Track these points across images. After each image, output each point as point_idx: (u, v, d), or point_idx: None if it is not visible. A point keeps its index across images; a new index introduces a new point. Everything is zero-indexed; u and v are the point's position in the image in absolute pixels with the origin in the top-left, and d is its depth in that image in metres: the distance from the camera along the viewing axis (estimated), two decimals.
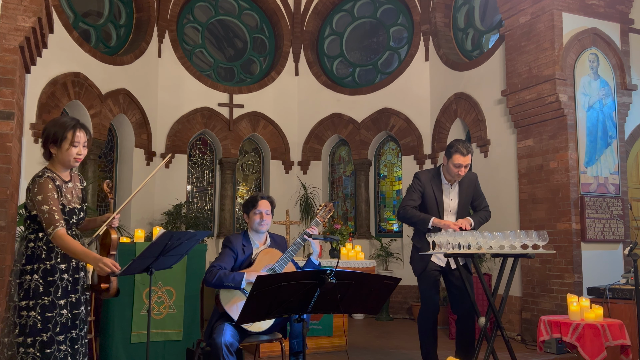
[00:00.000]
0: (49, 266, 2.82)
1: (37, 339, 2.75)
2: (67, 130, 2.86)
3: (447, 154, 4.49)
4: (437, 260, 4.49)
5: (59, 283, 2.83)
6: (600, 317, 4.63)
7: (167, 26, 8.93)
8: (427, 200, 4.56)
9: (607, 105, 6.54)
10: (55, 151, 2.89)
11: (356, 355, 5.58)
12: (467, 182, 4.63)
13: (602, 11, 6.66)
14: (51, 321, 2.78)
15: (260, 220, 3.92)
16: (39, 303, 2.78)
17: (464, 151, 4.40)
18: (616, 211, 6.38)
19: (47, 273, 2.81)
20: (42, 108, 6.63)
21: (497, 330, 4.15)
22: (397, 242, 8.89)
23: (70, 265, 2.89)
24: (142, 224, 8.12)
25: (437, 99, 8.70)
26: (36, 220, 2.85)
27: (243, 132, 9.36)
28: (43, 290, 2.79)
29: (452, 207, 4.57)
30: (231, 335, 3.50)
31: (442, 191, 4.56)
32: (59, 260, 2.85)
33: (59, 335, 2.80)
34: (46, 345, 2.76)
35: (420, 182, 4.59)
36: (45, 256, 2.82)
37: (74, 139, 2.87)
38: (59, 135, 2.86)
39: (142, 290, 4.69)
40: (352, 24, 9.92)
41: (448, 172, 4.54)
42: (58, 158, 2.90)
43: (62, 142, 2.86)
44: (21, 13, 4.25)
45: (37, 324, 2.76)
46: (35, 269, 2.80)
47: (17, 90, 4.31)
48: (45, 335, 2.76)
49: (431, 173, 4.65)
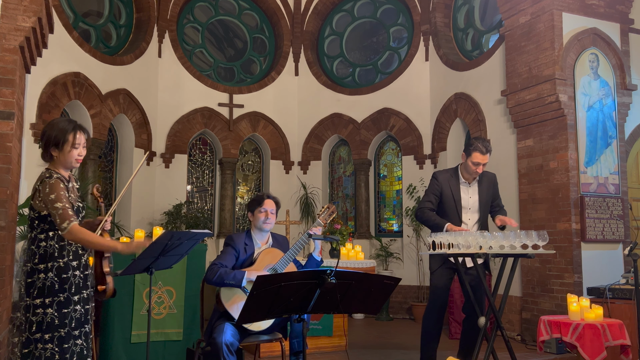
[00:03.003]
0: (62, 264, 2.90)
1: (55, 335, 2.85)
2: (68, 133, 2.93)
3: (467, 151, 4.52)
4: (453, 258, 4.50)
5: (72, 280, 2.92)
6: (600, 317, 4.63)
7: (167, 26, 8.93)
8: (445, 199, 4.57)
9: (607, 105, 6.54)
10: (57, 153, 2.95)
11: (356, 355, 5.58)
12: (487, 181, 4.67)
13: (602, 11, 6.66)
14: (67, 317, 2.88)
15: (265, 219, 3.92)
16: (55, 300, 2.87)
17: (484, 150, 4.44)
18: (616, 211, 6.38)
19: (61, 270, 2.90)
20: (42, 108, 6.63)
21: (497, 330, 4.15)
22: (397, 242, 8.89)
23: (80, 262, 2.98)
24: (142, 224, 8.12)
25: (437, 99, 8.70)
26: (46, 220, 2.92)
27: (243, 132, 9.36)
28: (58, 287, 2.88)
29: (471, 205, 4.58)
30: (231, 335, 3.51)
31: (460, 190, 4.58)
32: (71, 258, 2.94)
33: (74, 330, 2.90)
34: (64, 340, 2.86)
35: (438, 181, 4.61)
36: (57, 254, 2.90)
37: (75, 141, 2.94)
38: (60, 138, 2.92)
39: (142, 290, 4.69)
40: (352, 24, 9.92)
41: (466, 170, 4.56)
42: (60, 160, 2.96)
43: (64, 144, 2.93)
44: (21, 13, 4.26)
45: (54, 320, 2.85)
46: (50, 267, 2.88)
47: (17, 90, 4.31)
48: (62, 330, 2.87)
49: (449, 172, 4.68)
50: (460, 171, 4.62)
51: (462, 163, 4.60)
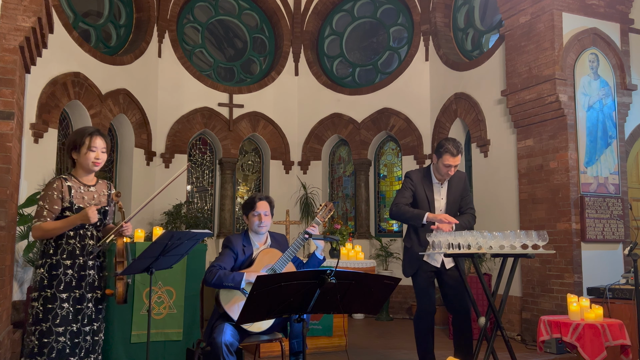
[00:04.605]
0: (54, 261, 3.02)
1: (38, 328, 2.96)
2: (85, 136, 3.12)
3: (437, 153, 4.45)
4: (432, 260, 4.46)
5: (62, 277, 3.01)
6: (600, 317, 4.63)
7: (167, 26, 8.93)
8: (419, 200, 4.53)
9: (607, 105, 6.54)
10: (76, 157, 3.14)
11: (356, 355, 5.58)
12: (456, 180, 4.60)
13: (602, 11, 6.66)
14: (51, 312, 2.97)
15: (259, 222, 3.91)
16: (42, 295, 2.99)
17: (454, 151, 4.36)
18: (616, 211, 6.38)
19: (52, 267, 3.01)
20: (42, 108, 6.63)
21: (497, 330, 4.15)
22: (397, 242, 8.89)
23: (76, 262, 3.06)
24: (142, 224, 8.12)
25: (437, 99, 8.70)
26: None
27: (243, 132, 9.36)
28: (47, 283, 3.00)
29: (442, 206, 4.56)
30: (231, 335, 3.50)
31: (433, 190, 4.55)
32: (65, 257, 3.04)
33: (58, 327, 2.97)
34: (45, 334, 2.95)
35: (412, 181, 4.56)
36: (52, 252, 3.03)
37: (92, 144, 3.11)
38: (78, 142, 3.11)
39: (142, 290, 4.69)
40: (352, 24, 9.92)
41: (438, 172, 4.52)
42: (79, 162, 3.15)
43: (81, 147, 3.11)
44: (21, 13, 4.26)
45: (39, 314, 2.97)
46: (43, 263, 3.03)
47: (17, 90, 4.32)
48: (45, 325, 2.96)
49: (422, 172, 4.63)
50: (432, 171, 4.59)
51: (434, 164, 4.55)
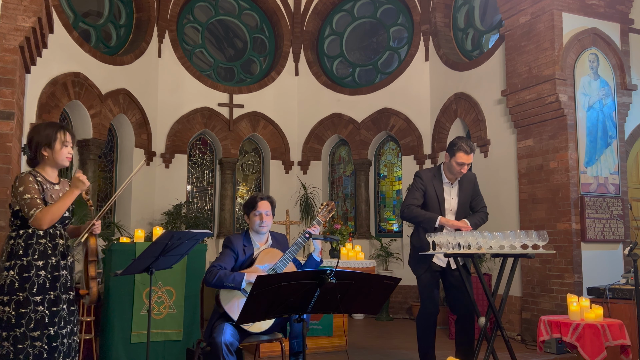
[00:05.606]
0: (26, 262, 2.87)
1: (11, 334, 2.81)
2: (57, 131, 3.00)
3: (450, 151, 4.42)
4: (438, 260, 4.46)
5: (35, 280, 2.87)
6: (600, 317, 4.63)
7: (167, 26, 8.93)
8: (429, 200, 4.51)
9: (607, 105, 6.54)
10: (48, 153, 2.99)
11: (356, 355, 5.57)
12: (467, 181, 4.58)
13: (602, 11, 6.66)
14: (25, 317, 2.83)
15: (260, 222, 3.91)
16: (14, 299, 2.83)
17: (468, 149, 4.35)
18: (616, 211, 6.38)
19: (23, 269, 2.86)
20: (42, 108, 6.63)
21: (497, 330, 4.15)
22: (397, 242, 8.89)
23: (48, 262, 2.93)
24: (142, 224, 8.12)
25: (437, 99, 8.70)
26: (18, 216, 2.94)
27: (243, 132, 9.36)
28: (18, 286, 2.84)
29: (452, 206, 4.54)
30: (231, 335, 3.50)
31: (444, 190, 4.53)
32: (36, 257, 2.90)
33: (33, 331, 2.83)
34: (19, 340, 2.80)
35: (422, 180, 4.54)
36: (22, 252, 2.89)
37: (65, 139, 3.01)
38: (51, 137, 2.98)
39: (142, 290, 4.69)
40: (352, 24, 9.92)
41: (449, 171, 4.49)
42: (50, 160, 3.01)
43: (55, 142, 2.98)
44: (21, 13, 4.26)
45: (11, 319, 2.82)
46: (12, 265, 2.87)
47: (17, 90, 4.32)
48: (18, 330, 2.81)
49: (432, 172, 4.60)
50: (443, 171, 4.56)
51: (445, 163, 4.52)
